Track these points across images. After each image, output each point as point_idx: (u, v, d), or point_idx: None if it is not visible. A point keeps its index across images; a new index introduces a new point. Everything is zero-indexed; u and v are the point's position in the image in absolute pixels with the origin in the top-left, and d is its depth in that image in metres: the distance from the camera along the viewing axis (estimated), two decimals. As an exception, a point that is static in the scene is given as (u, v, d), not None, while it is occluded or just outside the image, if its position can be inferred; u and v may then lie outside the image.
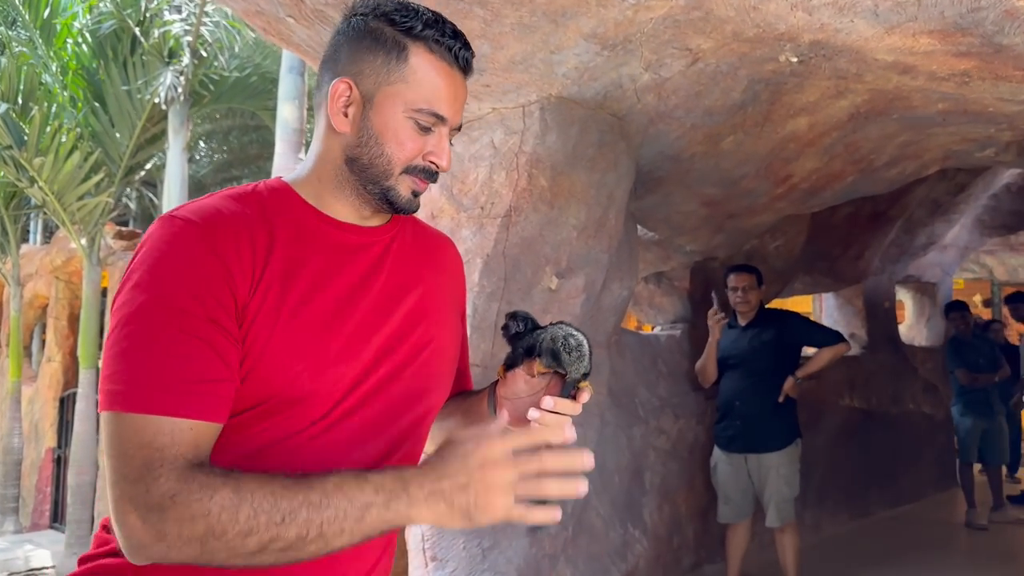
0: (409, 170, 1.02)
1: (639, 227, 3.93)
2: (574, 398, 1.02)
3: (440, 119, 1.02)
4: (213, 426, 0.89)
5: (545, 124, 2.80)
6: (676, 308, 4.83)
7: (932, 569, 4.87)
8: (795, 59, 2.72)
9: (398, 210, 1.05)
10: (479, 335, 3.05)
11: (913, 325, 8.09)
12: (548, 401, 0.98)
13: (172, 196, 5.36)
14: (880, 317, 6.77)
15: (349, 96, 1.01)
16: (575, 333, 1.03)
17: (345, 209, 1.05)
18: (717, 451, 4.06)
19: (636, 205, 3.65)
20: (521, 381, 1.09)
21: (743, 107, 3.10)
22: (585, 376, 1.04)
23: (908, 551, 5.21)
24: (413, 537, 3.08)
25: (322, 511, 0.85)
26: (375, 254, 1.06)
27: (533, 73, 2.60)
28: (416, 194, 1.05)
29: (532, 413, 0.99)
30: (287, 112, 4.15)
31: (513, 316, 1.11)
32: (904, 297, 8.09)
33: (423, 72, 1.00)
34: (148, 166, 7.95)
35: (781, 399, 3.89)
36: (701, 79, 2.85)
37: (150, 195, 10.60)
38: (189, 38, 5.29)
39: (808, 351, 4.31)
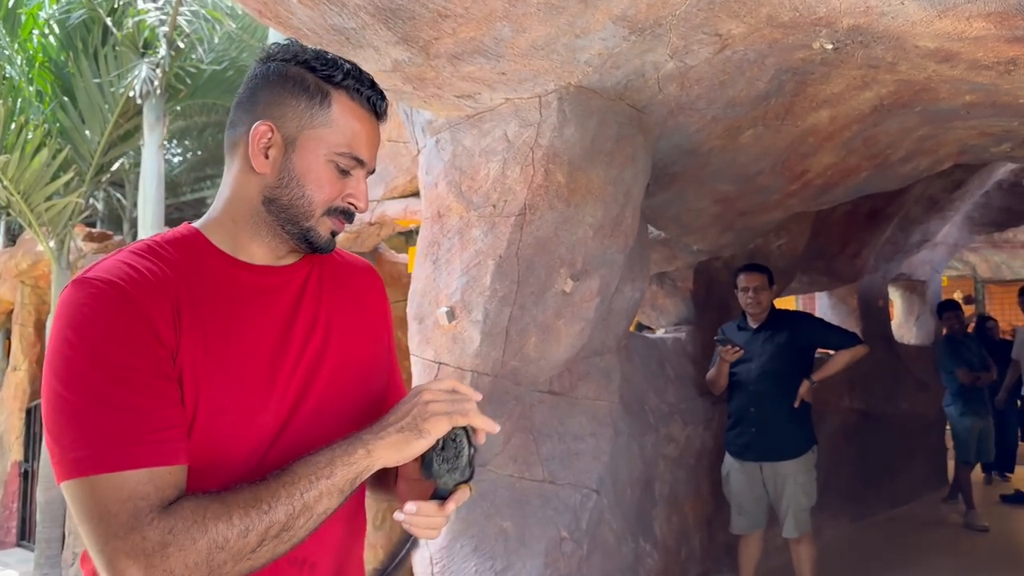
0: (330, 211, 1.06)
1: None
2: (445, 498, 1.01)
3: (359, 162, 1.06)
4: (185, 469, 0.92)
5: (563, 116, 2.61)
6: (679, 309, 4.67)
7: (937, 574, 4.76)
8: (830, 46, 2.55)
9: (316, 249, 1.08)
10: (489, 342, 2.86)
11: (903, 323, 8.02)
12: (410, 506, 0.99)
13: (148, 195, 5.05)
14: (874, 316, 6.68)
15: (271, 138, 1.03)
16: (459, 437, 1.01)
17: (261, 250, 1.06)
18: (729, 459, 3.89)
19: (647, 203, 3.47)
20: (412, 467, 1.07)
21: (766, 98, 2.94)
22: (464, 482, 1.02)
23: (910, 554, 5.12)
24: (421, 561, 2.87)
25: (296, 483, 0.91)
26: (292, 293, 1.08)
27: (554, 59, 2.40)
28: (335, 234, 1.08)
29: (397, 515, 1.00)
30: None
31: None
32: (893, 295, 8.01)
33: (345, 118, 1.04)
34: (115, 166, 7.62)
35: (797, 404, 3.74)
36: (727, 68, 2.67)
37: (118, 196, 10.23)
38: (165, 28, 4.99)
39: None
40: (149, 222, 4.97)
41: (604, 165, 2.79)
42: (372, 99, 1.06)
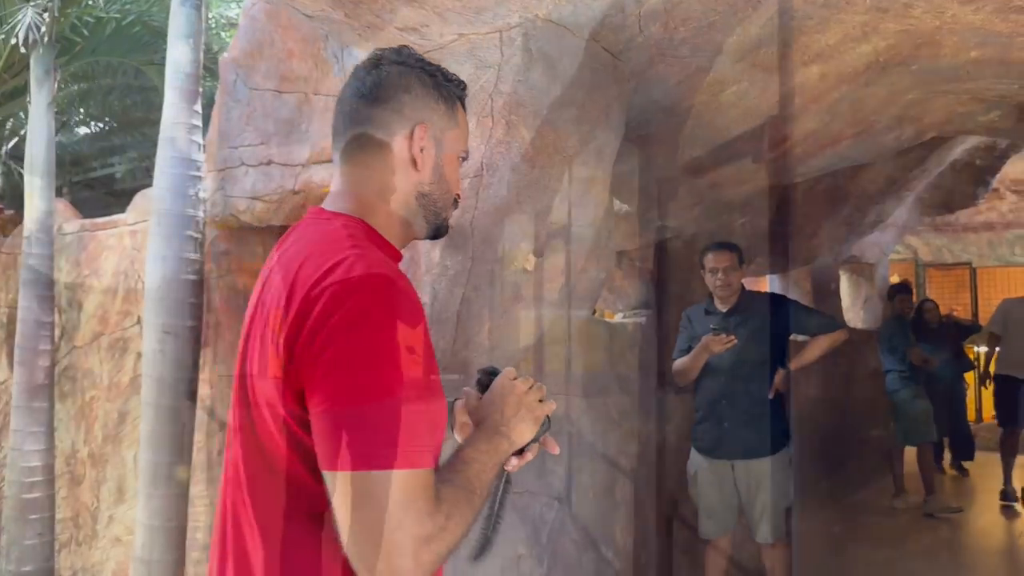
0: (454, 202, 1.19)
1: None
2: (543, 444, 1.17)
3: (466, 158, 1.23)
4: None
5: (529, 56, 2.16)
6: (638, 292, 4.29)
7: (911, 563, 4.57)
8: (842, -20, 2.18)
9: (439, 236, 1.20)
10: (437, 329, 2.41)
11: (850, 307, 7.86)
12: (530, 454, 1.12)
13: (37, 159, 4.34)
14: (828, 300, 6.47)
15: (423, 138, 1.11)
16: None
17: (402, 238, 1.14)
18: (697, 457, 3.51)
19: (612, 170, 3.07)
20: None
21: (757, 47, 2.55)
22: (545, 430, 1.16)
23: (874, 544, 4.92)
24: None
25: (483, 471, 1.02)
26: None
27: (521, -19, 1.95)
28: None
29: (512, 459, 1.10)
30: (179, 53, 3.27)
31: (489, 374, 1.20)
32: (840, 279, 7.83)
33: (463, 122, 1.19)
34: (17, 138, 6.82)
35: (772, 394, 3.40)
36: (719, 6, 2.28)
37: (19, 170, 9.32)
38: (52, -35, 4.34)
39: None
40: (37, 192, 4.32)
41: (574, 120, 2.36)
42: (466, 105, 1.21)
